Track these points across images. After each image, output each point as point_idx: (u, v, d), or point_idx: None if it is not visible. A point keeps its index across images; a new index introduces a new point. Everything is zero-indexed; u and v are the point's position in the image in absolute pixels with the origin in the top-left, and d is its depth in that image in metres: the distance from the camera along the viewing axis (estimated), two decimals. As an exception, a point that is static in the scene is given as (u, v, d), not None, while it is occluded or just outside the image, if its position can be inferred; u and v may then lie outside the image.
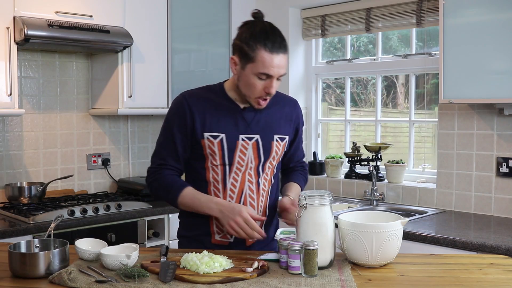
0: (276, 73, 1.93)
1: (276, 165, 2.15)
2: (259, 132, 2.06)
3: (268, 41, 1.91)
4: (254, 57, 1.92)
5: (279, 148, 2.10)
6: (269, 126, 2.08)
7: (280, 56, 1.93)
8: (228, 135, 2.02)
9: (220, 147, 2.01)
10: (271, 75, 1.93)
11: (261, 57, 1.91)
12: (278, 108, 2.12)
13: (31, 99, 3.50)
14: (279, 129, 2.11)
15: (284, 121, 2.13)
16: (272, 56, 1.91)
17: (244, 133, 2.04)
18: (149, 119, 4.02)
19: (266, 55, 1.91)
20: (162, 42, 3.64)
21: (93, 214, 3.11)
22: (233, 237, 2.04)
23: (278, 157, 2.13)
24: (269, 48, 1.91)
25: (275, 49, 1.91)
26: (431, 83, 3.71)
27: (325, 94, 4.31)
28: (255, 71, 1.93)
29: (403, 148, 3.83)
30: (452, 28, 2.99)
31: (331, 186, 3.94)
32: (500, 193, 3.16)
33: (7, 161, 3.40)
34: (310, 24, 4.12)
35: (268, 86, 1.95)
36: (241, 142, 2.03)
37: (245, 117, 2.05)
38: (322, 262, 1.78)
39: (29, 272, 1.70)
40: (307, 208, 1.81)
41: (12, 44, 2.99)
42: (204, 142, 2.02)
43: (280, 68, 1.93)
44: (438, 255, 2.05)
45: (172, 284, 1.63)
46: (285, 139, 2.13)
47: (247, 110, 2.06)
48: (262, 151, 2.06)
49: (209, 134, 2.02)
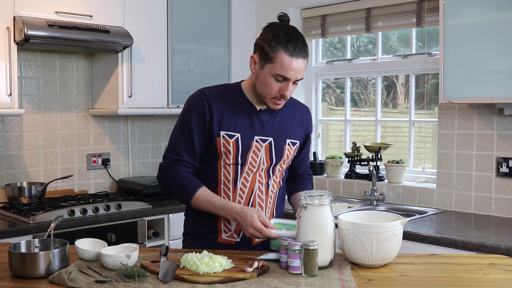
0: (293, 77, 1.96)
1: (285, 169, 2.18)
2: (273, 135, 2.08)
3: (289, 44, 1.93)
4: (273, 58, 1.94)
5: (290, 152, 2.13)
6: (282, 129, 2.11)
7: (299, 61, 1.95)
8: (243, 135, 2.04)
9: (235, 146, 2.03)
10: (288, 78, 1.95)
11: (281, 59, 1.93)
12: (291, 113, 2.16)
13: (31, 99, 3.50)
14: (292, 133, 2.14)
15: (296, 126, 2.16)
16: (291, 59, 1.93)
17: (258, 135, 2.06)
18: (149, 119, 4.02)
19: (286, 57, 1.93)
20: (162, 42, 3.64)
21: (93, 214, 3.10)
22: (240, 236, 2.06)
23: (289, 161, 2.16)
24: (289, 51, 1.93)
25: (295, 53, 1.94)
26: (431, 83, 3.71)
27: (325, 94, 4.31)
28: (273, 72, 1.95)
29: (403, 148, 3.83)
30: (452, 28, 2.99)
31: (331, 186, 3.94)
32: (500, 193, 3.16)
33: (7, 161, 3.40)
34: (310, 24, 4.12)
35: (284, 89, 1.97)
36: (255, 143, 2.05)
37: (261, 119, 2.07)
38: (322, 262, 1.78)
39: (29, 272, 1.70)
40: (307, 208, 1.81)
41: (12, 44, 2.99)
42: (220, 140, 2.02)
43: (297, 72, 1.96)
44: (438, 255, 2.05)
45: (172, 284, 1.63)
46: (296, 144, 2.16)
47: (263, 112, 2.08)
48: (275, 154, 2.08)
49: (225, 132, 2.03)
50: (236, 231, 2.06)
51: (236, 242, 2.07)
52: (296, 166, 2.27)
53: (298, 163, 2.26)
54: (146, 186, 3.55)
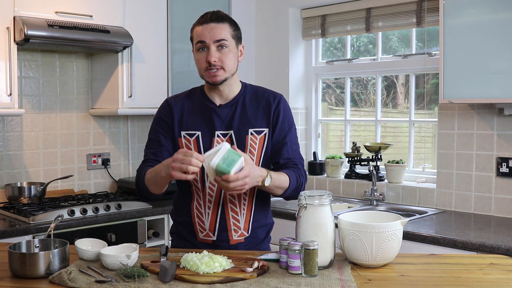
0: (208, 38, 2.02)
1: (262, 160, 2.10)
2: (234, 127, 2.08)
3: (200, 18, 2.07)
4: (192, 36, 2.09)
5: (255, 141, 2.08)
6: (243, 121, 2.09)
7: (211, 25, 2.03)
8: (204, 132, 2.08)
9: (196, 144, 2.07)
10: (204, 41, 2.02)
11: (195, 32, 2.07)
12: (255, 102, 2.13)
13: (31, 99, 3.50)
14: (255, 123, 2.09)
15: (262, 115, 2.11)
16: (202, 27, 2.05)
17: (219, 129, 2.08)
18: (149, 119, 4.01)
19: (198, 28, 2.06)
20: (162, 42, 3.64)
21: (93, 214, 3.10)
22: (215, 235, 2.07)
23: (258, 151, 2.08)
24: (199, 22, 2.06)
25: (204, 20, 2.05)
26: (431, 83, 3.71)
27: (325, 94, 4.31)
28: (195, 47, 2.07)
29: (403, 148, 3.83)
30: (452, 28, 2.99)
31: (331, 186, 3.94)
32: (500, 193, 3.16)
33: (7, 161, 3.40)
34: (310, 24, 4.12)
35: (208, 55, 2.03)
36: (216, 138, 2.07)
37: (220, 114, 2.10)
38: (322, 262, 1.78)
39: (29, 272, 1.70)
40: (307, 208, 1.81)
41: (12, 44, 2.99)
42: (181, 140, 2.09)
43: (212, 34, 2.03)
44: (438, 255, 2.05)
45: (172, 284, 1.63)
46: (263, 132, 2.09)
47: (223, 107, 2.10)
48: (236, 146, 1.99)
49: (186, 132, 2.09)
50: (211, 230, 2.07)
51: (213, 241, 2.08)
52: (274, 156, 2.13)
53: (275, 152, 2.12)
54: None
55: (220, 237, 2.07)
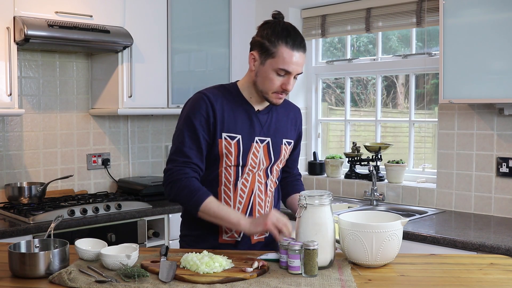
0: (294, 70, 1.98)
1: (280, 169, 2.21)
2: (271, 135, 2.10)
3: (289, 38, 1.96)
4: (275, 53, 1.96)
5: (286, 151, 2.16)
6: (278, 129, 2.13)
7: (299, 54, 1.98)
8: (244, 136, 2.04)
9: (237, 148, 2.03)
10: (289, 72, 1.97)
11: (282, 53, 1.95)
12: (285, 113, 2.18)
13: (31, 99, 3.50)
14: (287, 133, 2.16)
15: (290, 126, 2.19)
16: (292, 53, 1.96)
17: (258, 135, 2.07)
18: (149, 119, 4.02)
19: (287, 51, 1.95)
20: (162, 42, 3.64)
21: (93, 214, 3.10)
22: (241, 235, 2.07)
23: (285, 160, 2.19)
24: (290, 45, 1.96)
25: (296, 46, 1.97)
26: (431, 83, 3.71)
27: (325, 94, 4.31)
28: (275, 67, 1.97)
29: (403, 148, 3.83)
30: (452, 28, 2.99)
31: (331, 186, 3.94)
32: (500, 193, 3.16)
33: (7, 161, 3.40)
34: (310, 24, 4.12)
35: (286, 83, 1.99)
36: (255, 144, 2.06)
37: (260, 120, 2.09)
38: (322, 262, 1.78)
39: (29, 272, 1.70)
40: (307, 208, 1.81)
41: (12, 44, 2.99)
42: (222, 141, 2.02)
43: (298, 65, 1.99)
44: (438, 255, 2.05)
45: (172, 284, 1.63)
46: (291, 143, 2.19)
47: (261, 112, 2.10)
48: (273, 153, 2.10)
49: (227, 134, 2.02)
50: (237, 231, 2.06)
51: (237, 241, 2.08)
52: (290, 166, 2.29)
53: (291, 162, 2.29)
54: (146, 186, 3.55)
55: (244, 238, 2.08)
